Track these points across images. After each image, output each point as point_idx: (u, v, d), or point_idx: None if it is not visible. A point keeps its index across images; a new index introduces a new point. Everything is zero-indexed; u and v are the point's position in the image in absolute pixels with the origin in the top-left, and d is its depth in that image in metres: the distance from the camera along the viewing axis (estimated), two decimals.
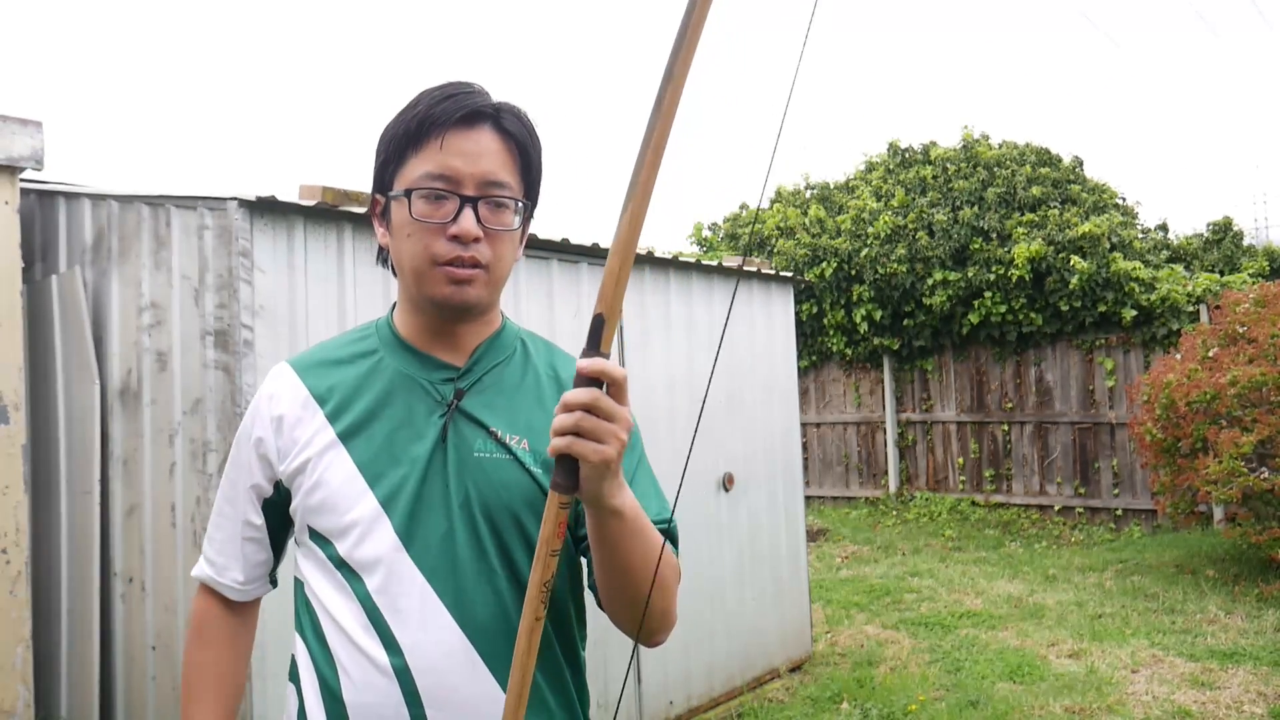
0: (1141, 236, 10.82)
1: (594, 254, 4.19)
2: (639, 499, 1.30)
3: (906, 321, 10.22)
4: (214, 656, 1.38)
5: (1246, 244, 12.19)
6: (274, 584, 1.43)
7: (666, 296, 4.63)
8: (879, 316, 10.29)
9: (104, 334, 3.40)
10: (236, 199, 2.94)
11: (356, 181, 3.16)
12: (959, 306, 9.87)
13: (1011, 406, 9.82)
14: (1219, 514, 7.99)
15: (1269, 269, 10.75)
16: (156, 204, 3.24)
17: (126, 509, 3.31)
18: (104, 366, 3.38)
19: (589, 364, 1.03)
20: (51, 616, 3.46)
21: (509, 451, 1.26)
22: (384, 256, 1.33)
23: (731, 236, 12.34)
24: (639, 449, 1.35)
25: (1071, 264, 9.02)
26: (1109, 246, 9.24)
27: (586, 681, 1.36)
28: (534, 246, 3.91)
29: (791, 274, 5.82)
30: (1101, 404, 9.25)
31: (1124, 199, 11.04)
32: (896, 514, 10.14)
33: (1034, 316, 9.42)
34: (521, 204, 1.26)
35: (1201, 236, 12.05)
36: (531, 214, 1.33)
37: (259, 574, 1.39)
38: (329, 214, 3.14)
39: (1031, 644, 5.61)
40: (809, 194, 11.87)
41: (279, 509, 1.34)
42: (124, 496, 3.32)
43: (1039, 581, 7.23)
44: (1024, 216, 9.68)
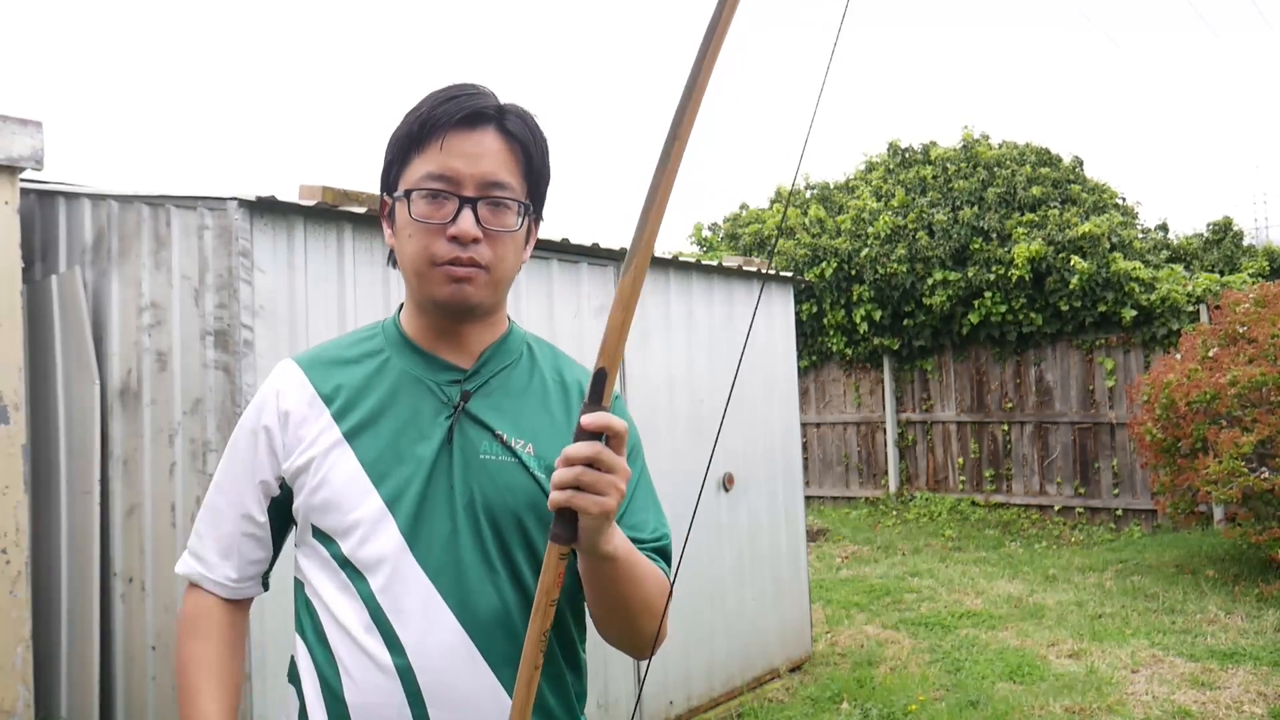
0: (1141, 236, 10.82)
1: (594, 254, 4.19)
2: (638, 514, 1.30)
3: (906, 321, 10.22)
4: (212, 650, 1.32)
5: (1246, 244, 12.17)
6: (265, 587, 1.39)
7: (666, 296, 4.63)
8: (879, 316, 10.28)
9: (104, 334, 3.39)
10: (236, 199, 2.94)
11: (356, 181, 3.17)
12: (959, 306, 9.87)
13: (1011, 406, 9.82)
14: (1219, 514, 7.99)
15: (1269, 269, 10.74)
16: (156, 204, 3.23)
17: (126, 509, 3.30)
18: (104, 366, 3.38)
19: (593, 419, 1.04)
20: (51, 616, 3.46)
21: (514, 455, 1.26)
22: (393, 258, 1.32)
23: (731, 236, 12.33)
24: (640, 462, 1.35)
25: (1071, 264, 9.01)
26: (1109, 246, 9.24)
27: (586, 684, 1.37)
28: (534, 246, 3.90)
29: (791, 274, 5.83)
30: (1101, 404, 9.25)
31: (1124, 199, 11.04)
32: (896, 514, 10.14)
33: (1034, 316, 9.42)
34: (523, 205, 1.26)
35: (1201, 236, 12.04)
36: (538, 216, 1.32)
37: (253, 573, 1.35)
38: (329, 214, 3.14)
39: (1031, 644, 5.61)
40: (809, 194, 11.87)
41: (283, 507, 1.33)
42: (124, 496, 3.32)
43: (1039, 581, 7.23)
44: (1024, 216, 9.68)
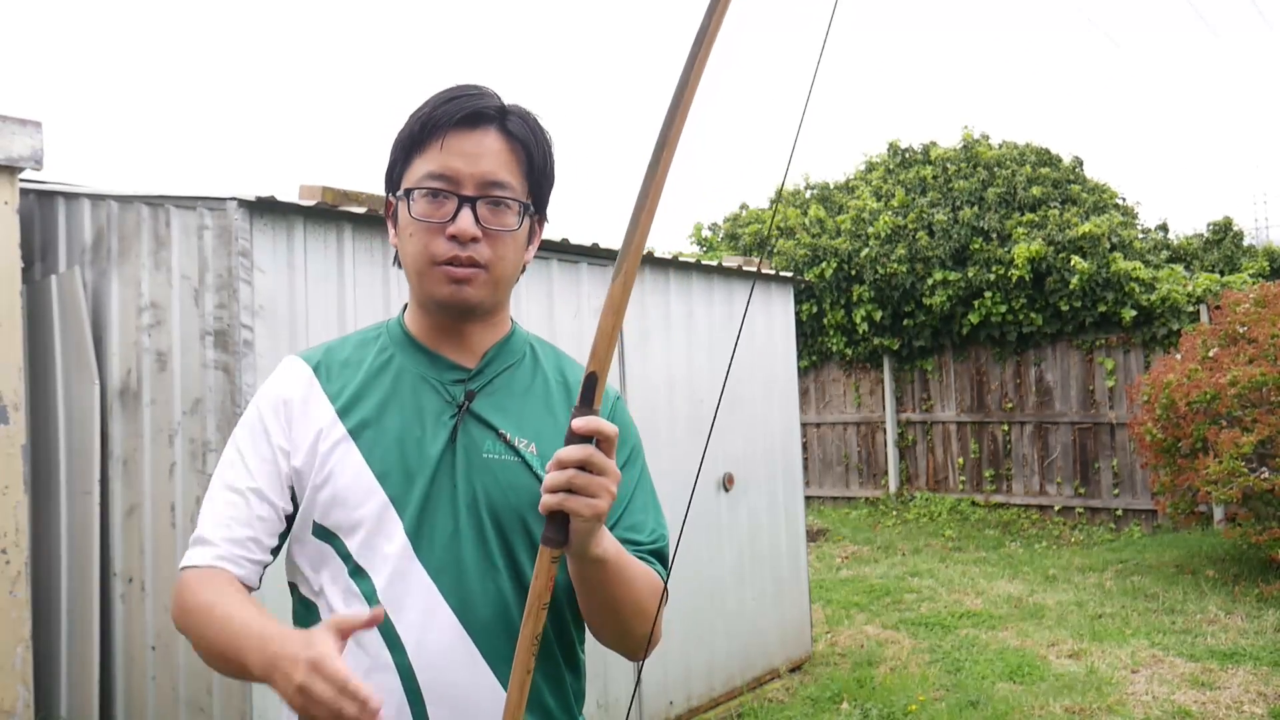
0: (1141, 236, 10.81)
1: (594, 254, 4.19)
2: (637, 515, 1.30)
3: (906, 321, 10.22)
4: (227, 590, 1.19)
5: (1246, 244, 12.16)
6: (258, 581, 1.30)
7: (666, 296, 4.63)
8: (879, 316, 10.28)
9: (104, 334, 3.39)
10: (236, 199, 2.94)
11: (356, 182, 3.17)
12: (959, 306, 9.87)
13: (1011, 406, 9.82)
14: (1219, 514, 7.98)
15: (1269, 269, 10.73)
16: (156, 204, 3.23)
17: (126, 509, 3.30)
18: (104, 366, 3.38)
19: (584, 422, 1.04)
20: (51, 616, 3.46)
21: (518, 455, 1.26)
22: (398, 259, 1.32)
23: (731, 236, 12.33)
24: (640, 463, 1.35)
25: (1071, 264, 9.01)
26: (1109, 246, 9.24)
27: (585, 684, 1.37)
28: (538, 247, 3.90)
29: (791, 274, 5.83)
30: (1101, 404, 9.25)
31: (1124, 199, 11.03)
32: (896, 514, 10.13)
33: (1034, 316, 9.41)
34: (524, 205, 1.26)
35: (1201, 236, 12.03)
36: (542, 216, 1.33)
37: (254, 572, 1.28)
38: (329, 214, 3.14)
39: (1031, 644, 5.61)
40: (809, 194, 11.87)
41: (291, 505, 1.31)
42: (124, 496, 3.32)
43: (1039, 581, 7.23)
44: (1024, 216, 9.68)
